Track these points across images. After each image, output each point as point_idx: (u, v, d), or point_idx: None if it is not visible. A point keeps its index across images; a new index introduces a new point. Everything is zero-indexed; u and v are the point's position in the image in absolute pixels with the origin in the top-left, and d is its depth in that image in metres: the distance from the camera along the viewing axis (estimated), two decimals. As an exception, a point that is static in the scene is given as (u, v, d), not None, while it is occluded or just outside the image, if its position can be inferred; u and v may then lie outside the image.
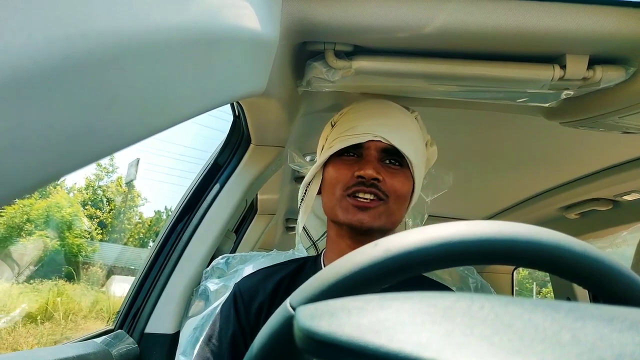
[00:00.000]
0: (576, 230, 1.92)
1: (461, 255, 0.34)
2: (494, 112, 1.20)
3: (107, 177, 22.03)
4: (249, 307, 0.89)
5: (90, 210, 17.79)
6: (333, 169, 0.93)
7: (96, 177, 21.94)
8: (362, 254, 0.36)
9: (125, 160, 36.31)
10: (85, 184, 21.21)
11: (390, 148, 0.90)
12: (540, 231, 0.35)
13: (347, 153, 0.93)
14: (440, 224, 0.37)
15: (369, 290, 0.35)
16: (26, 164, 0.27)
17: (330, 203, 0.92)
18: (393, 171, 0.91)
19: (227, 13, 0.53)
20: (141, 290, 1.22)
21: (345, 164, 0.92)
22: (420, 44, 0.88)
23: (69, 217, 13.83)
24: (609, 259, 0.35)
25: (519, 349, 0.19)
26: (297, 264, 0.99)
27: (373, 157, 0.90)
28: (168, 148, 29.34)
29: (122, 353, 1.04)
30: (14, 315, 7.24)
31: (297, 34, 0.85)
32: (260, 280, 0.93)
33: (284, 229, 2.87)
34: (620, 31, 0.78)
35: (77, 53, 0.28)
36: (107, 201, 20.77)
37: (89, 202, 19.42)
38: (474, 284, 1.23)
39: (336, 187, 0.90)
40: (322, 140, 1.01)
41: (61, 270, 12.96)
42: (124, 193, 21.41)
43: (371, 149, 0.91)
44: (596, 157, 1.48)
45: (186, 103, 0.47)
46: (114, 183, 21.62)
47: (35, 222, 13.07)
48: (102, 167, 21.85)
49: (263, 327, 0.37)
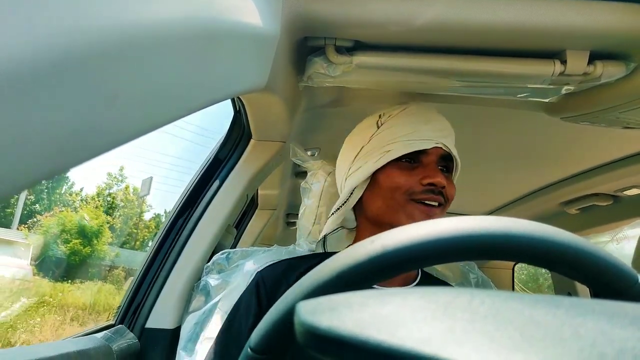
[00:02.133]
0: (576, 226, 1.92)
1: (459, 250, 0.34)
2: (494, 107, 1.20)
3: (116, 185, 25.28)
4: (272, 296, 0.88)
5: (106, 218, 20.41)
6: (392, 174, 0.92)
7: (107, 186, 25.25)
8: (360, 250, 0.36)
9: (132, 171, 39.01)
10: (96, 192, 24.53)
11: (447, 155, 0.93)
12: (539, 227, 0.35)
13: (405, 158, 0.93)
14: (437, 219, 0.37)
15: (367, 286, 0.35)
16: (26, 159, 0.27)
17: (389, 208, 0.91)
18: (448, 177, 0.94)
19: (227, 8, 0.53)
20: (142, 285, 1.23)
21: (406, 169, 0.92)
22: (421, 39, 0.88)
23: (97, 227, 17.27)
24: (608, 254, 0.35)
25: (520, 344, 0.19)
26: (320, 257, 0.98)
27: (435, 164, 0.93)
28: (160, 158, 31.19)
29: (122, 348, 1.04)
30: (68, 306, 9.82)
31: (298, 29, 0.85)
32: (283, 271, 0.93)
33: (284, 224, 2.88)
34: (620, 26, 0.78)
35: (78, 48, 0.28)
36: (116, 208, 23.77)
37: (100, 208, 22.78)
38: (475, 279, 1.24)
39: (396, 192, 0.90)
40: (360, 140, 1.00)
41: (95, 271, 16.73)
42: (133, 201, 23.17)
43: (433, 155, 0.92)
44: (596, 152, 1.48)
45: (187, 98, 0.47)
46: (121, 191, 24.89)
47: (70, 232, 16.48)
48: (113, 176, 25.16)
49: (261, 321, 0.38)
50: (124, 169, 28.87)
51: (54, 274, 15.24)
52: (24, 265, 14.06)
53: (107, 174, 25.69)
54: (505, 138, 1.47)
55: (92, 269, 16.77)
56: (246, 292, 0.92)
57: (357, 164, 0.97)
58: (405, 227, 0.36)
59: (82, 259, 16.39)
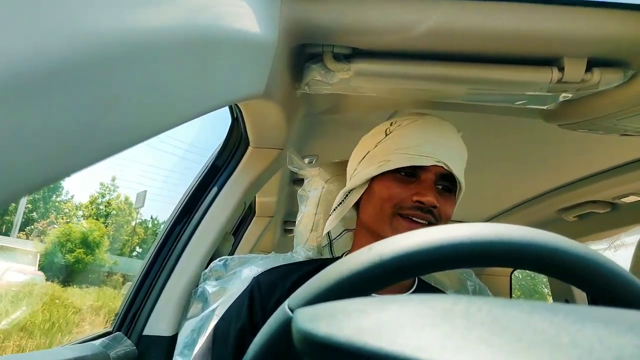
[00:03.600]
0: (574, 233, 1.92)
1: (456, 258, 0.34)
2: (492, 114, 1.21)
3: (108, 194, 27.45)
4: (267, 302, 0.88)
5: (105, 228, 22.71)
6: (386, 185, 0.91)
7: (100, 195, 27.20)
8: (358, 258, 0.36)
9: (123, 181, 40.34)
10: (89, 200, 26.63)
11: (448, 174, 0.90)
12: (538, 233, 0.35)
13: (403, 171, 0.91)
14: (433, 227, 0.37)
15: (366, 293, 0.35)
16: (27, 164, 0.27)
17: (377, 218, 0.90)
18: (446, 197, 0.91)
19: (225, 15, 0.53)
20: (139, 292, 1.22)
21: (400, 182, 0.90)
22: (419, 47, 0.88)
23: (98, 238, 19.12)
24: (608, 261, 0.35)
25: (517, 351, 0.19)
26: (317, 264, 0.98)
27: (431, 182, 0.90)
28: (155, 171, 32.87)
29: (120, 355, 1.04)
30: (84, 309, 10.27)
31: (296, 36, 0.85)
32: (279, 277, 0.93)
33: (282, 231, 2.87)
34: (618, 34, 0.78)
35: (77, 55, 0.28)
36: (109, 215, 26.49)
37: (94, 217, 25.17)
38: (472, 286, 1.24)
39: (386, 203, 0.89)
40: (367, 145, 0.99)
41: (97, 278, 18.64)
42: (125, 210, 24.26)
43: (431, 172, 0.90)
44: (594, 159, 1.48)
45: (185, 105, 0.47)
46: (114, 200, 27.13)
47: (75, 242, 18.44)
48: (105, 186, 27.49)
49: (261, 330, 0.37)
50: (115, 179, 30.90)
51: (59, 279, 16.49)
52: (35, 271, 15.02)
53: (100, 183, 27.63)
54: (502, 145, 1.47)
55: (92, 275, 18.63)
56: (239, 298, 0.92)
57: (360, 168, 0.97)
58: (400, 236, 0.36)
59: (85, 266, 18.20)
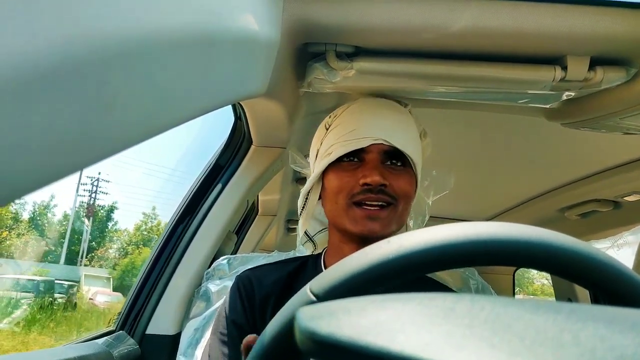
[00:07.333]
0: (577, 232, 1.91)
1: (473, 255, 0.35)
2: (495, 113, 1.20)
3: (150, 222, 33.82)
4: (251, 297, 0.88)
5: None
6: (334, 177, 0.89)
7: (142, 222, 33.72)
8: (381, 249, 0.37)
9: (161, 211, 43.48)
10: (135, 228, 33.67)
11: (392, 149, 0.87)
12: (544, 232, 0.35)
13: (347, 158, 0.89)
14: (445, 224, 0.37)
15: (385, 285, 0.36)
16: (27, 164, 0.27)
17: (335, 212, 0.88)
18: (398, 173, 0.88)
19: (228, 14, 0.53)
20: (142, 291, 1.22)
21: (346, 170, 0.88)
22: (422, 45, 0.88)
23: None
24: (612, 259, 0.35)
25: (520, 350, 0.19)
26: (297, 262, 0.97)
27: (376, 161, 0.87)
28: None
29: (123, 354, 1.04)
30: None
31: (298, 35, 0.85)
32: (260, 275, 0.92)
33: (285, 230, 2.87)
34: (621, 32, 0.78)
35: (78, 54, 0.28)
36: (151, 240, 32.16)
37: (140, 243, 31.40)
38: (475, 285, 1.23)
39: (339, 195, 0.87)
40: (315, 144, 0.97)
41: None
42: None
43: (373, 152, 0.87)
44: (597, 158, 1.47)
45: (187, 104, 0.47)
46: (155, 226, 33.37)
47: (138, 267, 20.37)
48: (147, 214, 34.16)
49: (283, 307, 0.38)
50: (155, 208, 37.11)
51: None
52: (112, 292, 21.21)
53: (142, 213, 33.52)
54: (505, 144, 1.47)
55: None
56: (230, 295, 0.92)
57: (314, 167, 0.96)
58: (422, 230, 0.37)
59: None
